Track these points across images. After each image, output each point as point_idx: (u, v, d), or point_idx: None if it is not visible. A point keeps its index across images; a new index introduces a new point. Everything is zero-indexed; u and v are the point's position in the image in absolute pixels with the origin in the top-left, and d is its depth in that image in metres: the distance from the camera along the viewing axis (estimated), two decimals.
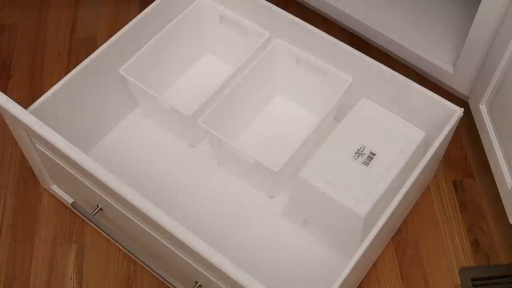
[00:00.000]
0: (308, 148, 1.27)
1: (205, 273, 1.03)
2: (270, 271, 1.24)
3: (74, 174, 1.15)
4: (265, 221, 1.30)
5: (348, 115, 1.27)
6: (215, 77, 1.46)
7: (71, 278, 1.29)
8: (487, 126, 1.32)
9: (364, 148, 1.22)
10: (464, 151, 1.47)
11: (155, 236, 1.07)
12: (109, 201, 1.11)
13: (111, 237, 1.21)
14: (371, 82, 1.27)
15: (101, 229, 1.22)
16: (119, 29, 1.30)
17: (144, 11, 1.33)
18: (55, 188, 1.33)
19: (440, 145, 1.15)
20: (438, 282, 1.29)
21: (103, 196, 1.12)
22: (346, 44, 1.26)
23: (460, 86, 1.45)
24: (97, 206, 1.18)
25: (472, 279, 1.29)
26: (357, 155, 1.21)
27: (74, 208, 1.27)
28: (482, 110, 1.35)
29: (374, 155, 1.21)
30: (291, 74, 1.38)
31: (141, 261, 1.19)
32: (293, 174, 1.26)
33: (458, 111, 1.18)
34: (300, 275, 1.24)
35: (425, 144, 1.26)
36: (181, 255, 1.05)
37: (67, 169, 1.15)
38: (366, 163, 1.21)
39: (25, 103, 1.16)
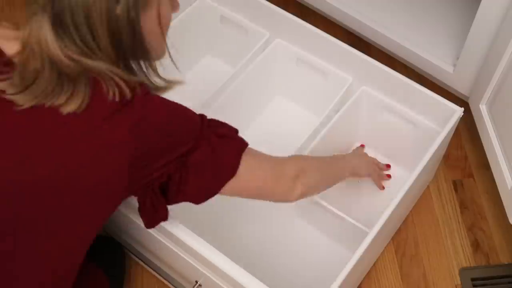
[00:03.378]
0: (309, 148, 1.27)
1: (205, 272, 1.03)
2: (269, 270, 1.23)
3: None
4: (265, 221, 1.30)
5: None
6: (215, 77, 1.46)
7: None
8: (487, 126, 1.32)
9: None
10: (464, 151, 1.47)
11: (155, 236, 1.07)
12: None
13: (111, 237, 1.21)
14: (371, 82, 1.27)
15: (101, 229, 1.21)
16: None
17: None
18: None
19: (440, 145, 1.15)
20: (438, 282, 1.29)
21: None
22: (346, 44, 1.27)
23: (460, 86, 1.45)
24: None
25: (472, 279, 1.29)
26: None
27: None
28: (482, 110, 1.35)
29: None
30: (291, 74, 1.38)
31: (141, 261, 1.19)
32: None
33: (458, 111, 1.18)
34: (299, 275, 1.24)
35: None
36: (181, 254, 1.05)
37: None
38: None
39: None
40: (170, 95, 1.46)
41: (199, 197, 0.92)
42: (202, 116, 0.91)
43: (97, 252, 0.99)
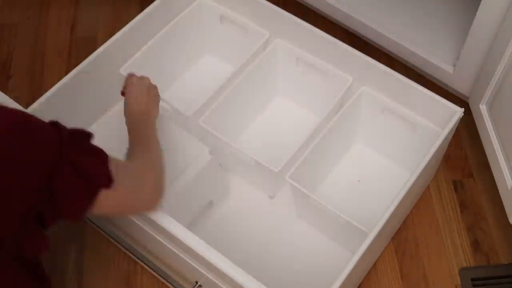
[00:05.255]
0: (309, 148, 1.27)
1: (205, 273, 1.03)
2: (269, 271, 1.23)
3: None
4: (265, 222, 1.30)
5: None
6: (215, 77, 1.46)
7: (71, 278, 1.29)
8: (487, 126, 1.32)
9: None
10: (464, 151, 1.47)
11: (155, 236, 1.07)
12: None
13: (111, 237, 1.21)
14: (371, 82, 1.27)
15: (101, 229, 1.22)
16: (119, 29, 1.30)
17: (144, 11, 1.33)
18: None
19: (441, 145, 1.15)
20: (438, 282, 1.29)
21: None
22: (346, 44, 1.26)
23: (460, 86, 1.45)
24: None
25: (472, 279, 1.29)
26: None
27: None
28: (482, 110, 1.35)
29: None
30: (291, 74, 1.38)
31: (141, 261, 1.19)
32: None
33: (459, 111, 1.17)
34: (299, 275, 1.24)
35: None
36: (181, 255, 1.05)
37: None
38: None
39: (25, 103, 1.16)
40: (170, 96, 1.46)
41: (74, 216, 0.83)
42: (59, 130, 0.78)
43: None
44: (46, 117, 1.16)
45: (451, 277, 1.30)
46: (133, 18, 1.31)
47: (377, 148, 1.37)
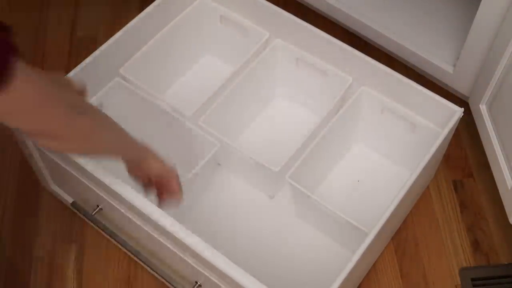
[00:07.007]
0: (308, 148, 1.27)
1: (205, 273, 1.03)
2: (269, 270, 1.23)
3: (74, 174, 1.14)
4: (264, 221, 1.30)
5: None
6: (215, 77, 1.46)
7: (71, 278, 1.29)
8: (487, 126, 1.32)
9: None
10: (464, 151, 1.47)
11: (155, 236, 1.07)
12: (109, 201, 1.11)
13: (111, 237, 1.21)
14: (371, 82, 1.27)
15: (101, 229, 1.21)
16: (119, 29, 1.29)
17: (144, 11, 1.32)
18: (55, 188, 1.33)
19: (441, 145, 1.15)
20: (438, 282, 1.29)
21: (103, 196, 1.12)
22: (346, 44, 1.26)
23: (460, 86, 1.45)
24: (97, 206, 1.18)
25: (472, 279, 1.29)
26: None
27: (74, 208, 1.27)
28: (482, 110, 1.35)
29: None
30: (291, 74, 1.38)
31: (141, 261, 1.19)
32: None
33: (458, 111, 1.17)
34: (299, 275, 1.24)
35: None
36: (181, 255, 1.05)
37: (68, 169, 1.15)
38: None
39: None
40: (170, 96, 1.46)
41: None
42: None
43: None
44: None
45: (451, 277, 1.30)
46: (133, 18, 1.31)
47: (377, 148, 1.37)
